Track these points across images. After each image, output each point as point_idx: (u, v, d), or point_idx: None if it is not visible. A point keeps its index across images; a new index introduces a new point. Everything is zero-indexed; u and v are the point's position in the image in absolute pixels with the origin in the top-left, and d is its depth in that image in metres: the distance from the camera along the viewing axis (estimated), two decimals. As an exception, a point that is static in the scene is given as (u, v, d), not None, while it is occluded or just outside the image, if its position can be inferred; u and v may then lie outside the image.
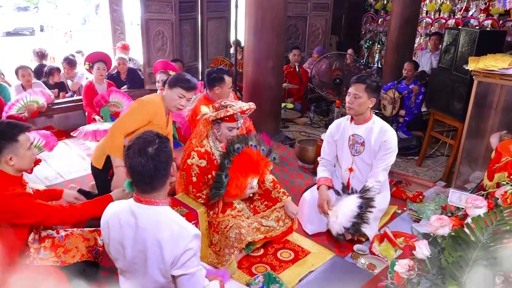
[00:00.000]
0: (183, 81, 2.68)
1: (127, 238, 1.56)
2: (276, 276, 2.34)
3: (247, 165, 2.43)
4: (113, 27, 6.34)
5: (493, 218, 1.29)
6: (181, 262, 1.49)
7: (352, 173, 2.88)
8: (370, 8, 8.43)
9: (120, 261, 1.63)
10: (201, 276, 1.58)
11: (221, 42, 6.69)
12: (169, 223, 1.52)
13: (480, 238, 1.28)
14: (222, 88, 3.24)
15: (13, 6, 18.72)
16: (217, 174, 2.38)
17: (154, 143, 1.52)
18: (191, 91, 2.71)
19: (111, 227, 1.60)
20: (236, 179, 2.40)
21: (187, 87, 2.68)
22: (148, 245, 1.50)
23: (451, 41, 3.79)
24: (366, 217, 2.59)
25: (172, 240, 1.48)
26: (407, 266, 1.42)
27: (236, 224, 2.42)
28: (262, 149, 2.51)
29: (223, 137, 2.50)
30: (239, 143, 2.42)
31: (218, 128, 2.48)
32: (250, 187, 2.49)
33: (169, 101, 2.73)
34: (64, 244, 2.08)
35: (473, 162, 3.51)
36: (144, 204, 1.55)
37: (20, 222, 1.93)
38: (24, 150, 1.97)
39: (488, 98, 3.34)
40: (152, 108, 2.68)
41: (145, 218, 1.53)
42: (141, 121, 2.63)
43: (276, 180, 2.77)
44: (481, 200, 1.59)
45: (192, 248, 1.50)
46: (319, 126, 5.37)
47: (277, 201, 2.69)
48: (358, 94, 2.67)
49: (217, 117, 2.41)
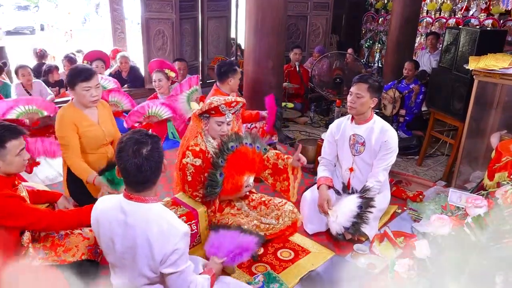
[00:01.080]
0: (78, 75, 2.54)
1: (116, 235, 1.57)
2: (276, 276, 2.34)
3: (242, 163, 2.42)
4: (113, 26, 6.34)
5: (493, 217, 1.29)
6: (170, 260, 1.51)
7: (353, 173, 2.88)
8: (371, 7, 8.43)
9: (110, 255, 1.66)
10: (189, 272, 1.60)
11: (221, 42, 6.69)
12: (158, 220, 1.53)
13: (480, 238, 1.28)
14: (234, 78, 3.42)
15: (13, 5, 18.72)
16: (211, 172, 2.36)
17: (147, 143, 1.52)
18: (92, 77, 2.57)
19: (100, 223, 1.62)
20: (232, 178, 2.40)
21: (85, 78, 2.54)
22: (138, 242, 1.52)
23: (452, 40, 3.79)
24: (366, 217, 2.58)
25: (162, 238, 1.50)
26: (407, 266, 1.42)
27: (236, 222, 2.42)
28: (257, 146, 2.50)
29: (214, 133, 2.47)
30: (233, 141, 2.41)
31: (207, 123, 2.46)
32: (246, 185, 2.49)
33: (80, 100, 2.62)
34: (64, 243, 2.08)
35: (473, 161, 3.52)
36: (134, 201, 1.56)
37: (7, 224, 1.85)
38: (11, 157, 1.87)
39: (488, 97, 3.34)
40: (67, 119, 2.59)
41: (134, 215, 1.54)
42: (71, 131, 2.59)
43: (278, 152, 2.73)
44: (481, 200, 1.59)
45: (181, 247, 1.51)
46: (319, 126, 5.37)
47: (287, 169, 2.64)
48: (361, 94, 2.67)
49: (203, 110, 2.39)
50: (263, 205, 2.67)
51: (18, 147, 1.89)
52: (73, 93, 2.63)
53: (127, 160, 1.50)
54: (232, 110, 2.44)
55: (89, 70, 2.61)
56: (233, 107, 2.42)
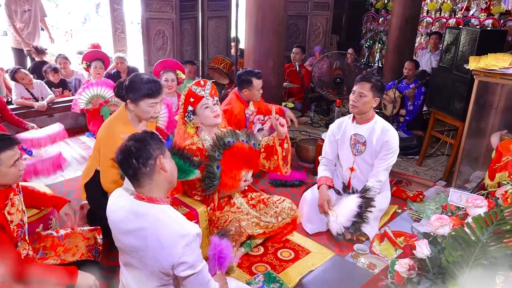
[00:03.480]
0: (144, 90, 2.28)
1: (127, 235, 1.57)
2: (276, 276, 2.34)
3: (240, 158, 2.42)
4: (113, 26, 6.34)
5: (493, 217, 1.29)
6: (186, 263, 1.49)
7: (353, 173, 2.88)
8: (371, 7, 8.43)
9: (122, 255, 1.67)
10: (206, 272, 1.59)
11: (221, 41, 6.68)
12: (169, 222, 1.53)
13: (480, 238, 1.27)
14: (250, 90, 3.35)
15: (13, 5, 18.67)
16: (208, 165, 2.35)
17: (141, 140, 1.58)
18: (160, 94, 2.34)
19: (112, 222, 1.63)
20: (230, 171, 2.40)
21: (153, 94, 2.29)
22: (149, 243, 1.51)
23: (452, 40, 3.78)
24: (366, 216, 2.58)
25: (173, 239, 1.48)
26: (407, 266, 1.42)
27: (235, 218, 2.43)
28: (253, 143, 2.50)
29: (210, 121, 2.45)
30: (230, 137, 2.41)
31: (197, 117, 2.46)
32: (244, 180, 2.50)
33: (142, 115, 2.39)
34: (64, 243, 2.07)
35: (473, 161, 3.51)
36: (145, 202, 1.56)
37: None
38: (6, 168, 1.76)
39: (488, 97, 3.34)
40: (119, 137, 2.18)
41: (145, 216, 1.54)
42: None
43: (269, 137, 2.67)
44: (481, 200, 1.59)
45: (194, 248, 1.50)
46: (320, 126, 5.36)
47: (274, 142, 2.57)
48: (364, 93, 2.67)
49: (183, 105, 2.42)
50: (262, 203, 2.67)
51: (12, 157, 1.78)
52: (133, 106, 2.34)
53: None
54: (207, 90, 2.43)
55: (157, 84, 2.31)
56: (203, 86, 2.43)
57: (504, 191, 1.86)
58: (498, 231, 1.27)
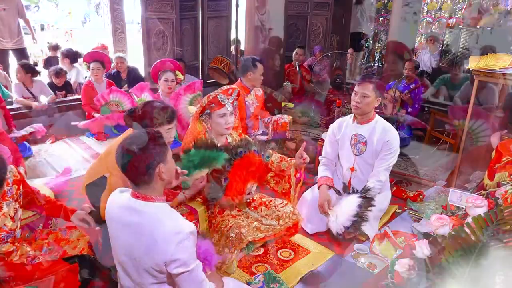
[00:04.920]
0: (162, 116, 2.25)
1: (123, 232, 1.59)
2: (276, 276, 2.34)
3: (247, 170, 2.41)
4: (113, 26, 6.33)
5: (493, 217, 1.29)
6: (179, 260, 1.50)
7: (354, 173, 2.88)
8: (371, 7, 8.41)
9: (117, 253, 1.67)
10: (200, 271, 1.60)
11: (221, 41, 6.68)
12: (164, 219, 1.54)
13: (480, 238, 1.28)
14: (254, 73, 3.64)
15: (13, 5, 18.66)
16: (215, 177, 2.35)
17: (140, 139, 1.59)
18: (174, 120, 2.35)
19: (109, 219, 1.65)
20: (236, 184, 2.38)
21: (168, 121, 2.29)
22: (143, 239, 1.52)
23: (452, 40, 3.79)
24: (366, 215, 2.58)
25: (168, 237, 1.50)
26: (407, 266, 1.42)
27: (236, 224, 2.40)
28: (263, 155, 2.50)
29: (220, 128, 2.46)
30: (242, 147, 2.40)
31: (210, 121, 2.47)
32: (248, 192, 2.48)
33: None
34: (67, 237, 2.12)
35: (473, 161, 3.51)
36: (141, 200, 1.58)
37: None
38: None
39: (488, 97, 3.34)
40: None
41: (141, 213, 1.56)
42: None
43: (282, 156, 2.69)
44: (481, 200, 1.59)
45: (187, 246, 1.51)
46: (320, 126, 5.36)
47: (290, 169, 2.60)
48: (367, 94, 2.67)
49: (203, 106, 2.41)
50: (264, 206, 2.67)
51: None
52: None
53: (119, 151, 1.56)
54: (230, 99, 2.46)
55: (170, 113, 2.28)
56: (230, 94, 2.46)
57: (504, 191, 1.86)
58: (498, 231, 1.27)
